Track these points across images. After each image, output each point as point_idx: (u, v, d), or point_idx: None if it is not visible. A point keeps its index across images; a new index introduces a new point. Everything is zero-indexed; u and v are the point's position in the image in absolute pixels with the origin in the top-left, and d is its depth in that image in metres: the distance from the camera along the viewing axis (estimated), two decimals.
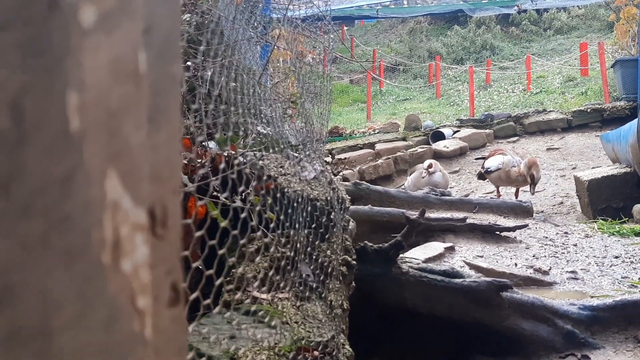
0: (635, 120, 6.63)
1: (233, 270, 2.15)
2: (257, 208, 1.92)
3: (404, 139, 12.45)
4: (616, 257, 4.31)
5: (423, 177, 6.68)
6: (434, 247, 4.25)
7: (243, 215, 1.63)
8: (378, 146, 12.05)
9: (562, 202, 8.58)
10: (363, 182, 5.51)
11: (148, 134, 0.52)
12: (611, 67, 12.94)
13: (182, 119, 2.13)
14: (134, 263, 0.48)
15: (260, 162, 2.70)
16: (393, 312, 2.92)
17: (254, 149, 2.91)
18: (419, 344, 2.95)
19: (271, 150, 2.99)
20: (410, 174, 8.53)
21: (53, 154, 0.42)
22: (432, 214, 5.20)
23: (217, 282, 1.47)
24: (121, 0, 0.47)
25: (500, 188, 8.38)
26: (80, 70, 0.44)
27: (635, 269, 4.04)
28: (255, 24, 5.73)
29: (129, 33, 0.48)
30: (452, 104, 17.78)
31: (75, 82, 0.43)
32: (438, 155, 11.67)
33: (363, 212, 4.47)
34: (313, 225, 2.52)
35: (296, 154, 3.06)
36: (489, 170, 7.80)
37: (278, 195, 2.16)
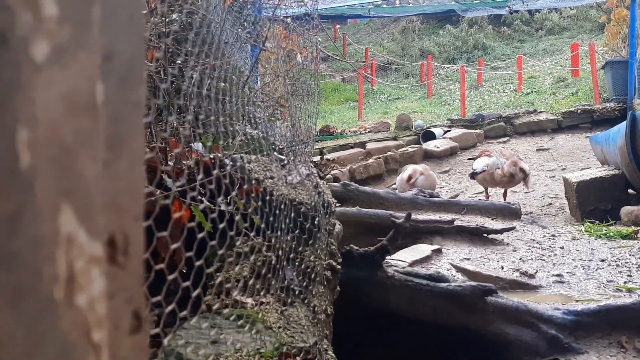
0: (624, 123, 6.66)
1: (217, 274, 2.13)
2: (237, 217, 1.92)
3: (394, 139, 12.46)
4: (602, 260, 4.32)
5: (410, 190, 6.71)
6: (421, 250, 4.25)
7: (221, 225, 1.63)
8: (369, 145, 12.06)
9: (550, 204, 8.62)
10: (352, 183, 5.51)
11: (106, 163, 0.51)
12: (601, 68, 12.99)
13: (173, 122, 2.11)
14: (89, 297, 0.48)
15: (248, 165, 2.70)
16: (379, 316, 2.92)
17: (242, 151, 2.90)
18: (404, 347, 2.95)
19: (259, 153, 2.99)
20: (400, 174, 8.54)
21: (1, 190, 0.42)
22: (420, 216, 5.21)
23: (193, 292, 1.46)
24: (76, 32, 0.47)
25: (488, 189, 8.43)
26: (32, 105, 0.43)
27: (620, 272, 4.06)
28: (245, 23, 5.73)
29: (86, 65, 0.48)
30: (443, 103, 17.82)
31: (26, 118, 0.43)
32: (428, 155, 11.70)
33: (351, 214, 4.47)
34: (297, 230, 2.51)
35: (283, 157, 3.05)
36: (475, 172, 7.90)
37: (260, 202, 2.15)
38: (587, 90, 14.47)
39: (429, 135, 12.26)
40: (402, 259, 4.14)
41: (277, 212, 2.33)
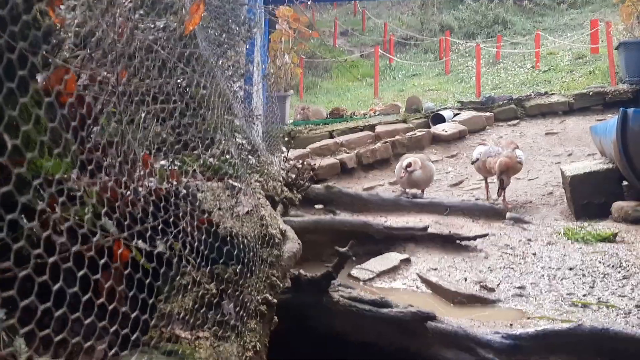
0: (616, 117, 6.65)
1: (162, 307, 2.28)
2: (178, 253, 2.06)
3: (404, 121, 12.49)
4: (570, 269, 4.41)
5: (402, 177, 6.71)
6: (390, 259, 4.38)
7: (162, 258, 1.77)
8: (378, 128, 12.13)
9: (551, 192, 8.64)
10: (334, 185, 5.64)
11: None
12: (616, 48, 12.82)
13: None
14: None
15: (200, 194, 2.83)
16: (325, 340, 3.07)
17: (200, 176, 3.04)
18: None
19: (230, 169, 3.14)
20: (399, 163, 8.62)
21: None
22: (400, 218, 5.34)
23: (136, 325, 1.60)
24: None
25: (488, 178, 8.49)
26: None
27: (584, 283, 4.15)
28: (233, 25, 5.83)
29: None
30: (460, 80, 17.73)
31: None
32: (437, 139, 11.74)
33: (325, 222, 4.61)
34: (235, 263, 2.64)
35: (236, 184, 3.16)
36: (472, 161, 8.06)
37: (204, 235, 2.27)
38: (605, 69, 14.29)
39: (439, 118, 12.27)
40: (371, 268, 4.29)
41: (220, 244, 2.47)
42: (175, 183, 2.43)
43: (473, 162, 8.17)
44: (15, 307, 1.21)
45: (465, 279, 4.15)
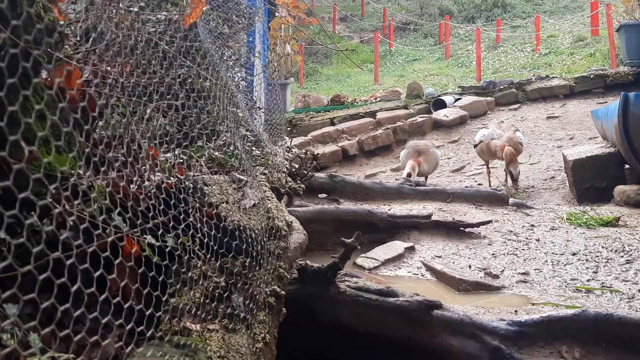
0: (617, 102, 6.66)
1: (172, 300, 2.30)
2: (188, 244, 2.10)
3: (405, 107, 12.50)
4: (574, 254, 4.43)
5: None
6: (394, 247, 4.41)
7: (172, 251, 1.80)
8: (379, 115, 12.14)
9: (553, 177, 8.66)
10: (338, 174, 5.65)
11: None
12: (616, 31, 12.79)
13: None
14: None
15: (206, 188, 2.85)
16: (331, 330, 3.11)
17: (205, 169, 3.06)
18: (357, 359, 3.14)
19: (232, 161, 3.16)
20: (403, 151, 8.61)
21: None
22: (404, 205, 5.36)
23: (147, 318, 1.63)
24: None
25: (490, 164, 8.52)
26: None
27: (587, 268, 4.17)
28: (234, 16, 5.81)
29: None
30: (460, 64, 17.70)
31: None
32: (438, 125, 11.75)
33: (329, 212, 4.63)
34: (243, 256, 2.66)
35: (242, 177, 3.18)
36: (475, 145, 8.10)
37: (213, 228, 2.30)
38: (606, 51, 14.27)
39: (440, 104, 12.27)
40: (376, 257, 4.32)
41: (227, 237, 2.49)
42: (182, 177, 2.45)
43: (475, 146, 8.20)
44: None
45: (470, 266, 4.18)
